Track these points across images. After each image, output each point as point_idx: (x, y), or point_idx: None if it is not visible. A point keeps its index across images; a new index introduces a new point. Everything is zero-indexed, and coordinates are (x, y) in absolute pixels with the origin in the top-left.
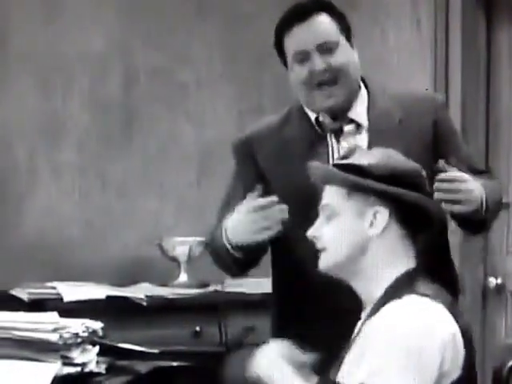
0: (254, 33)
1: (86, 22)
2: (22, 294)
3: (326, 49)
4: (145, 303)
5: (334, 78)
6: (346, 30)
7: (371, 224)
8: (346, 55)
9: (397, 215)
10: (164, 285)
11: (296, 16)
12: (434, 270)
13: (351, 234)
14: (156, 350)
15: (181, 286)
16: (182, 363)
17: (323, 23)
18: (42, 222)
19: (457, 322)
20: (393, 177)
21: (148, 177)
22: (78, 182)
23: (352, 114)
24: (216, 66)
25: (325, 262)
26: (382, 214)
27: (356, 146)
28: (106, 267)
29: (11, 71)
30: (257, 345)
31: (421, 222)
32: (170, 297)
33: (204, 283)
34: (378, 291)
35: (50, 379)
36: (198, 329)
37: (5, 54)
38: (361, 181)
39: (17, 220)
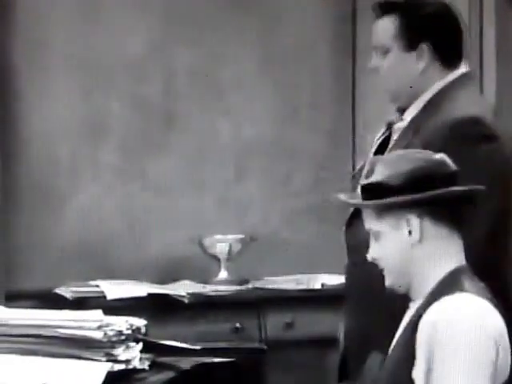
0: (291, 32)
1: (126, 24)
2: (66, 292)
3: (380, 52)
4: (186, 300)
5: (382, 80)
6: (412, 34)
7: (410, 232)
8: (394, 61)
9: (432, 216)
10: (204, 282)
11: (374, 12)
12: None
13: (397, 250)
14: (198, 347)
15: (221, 283)
16: (224, 359)
17: (381, 27)
18: (83, 222)
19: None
20: (414, 180)
21: (188, 175)
22: (118, 181)
23: (406, 114)
24: (253, 65)
25: (387, 282)
26: (415, 220)
27: (376, 159)
28: (147, 265)
29: (53, 72)
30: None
31: (463, 213)
32: (211, 294)
33: (244, 280)
34: (428, 287)
35: (101, 378)
36: (238, 325)
37: (47, 55)
38: (380, 202)
39: (59, 219)
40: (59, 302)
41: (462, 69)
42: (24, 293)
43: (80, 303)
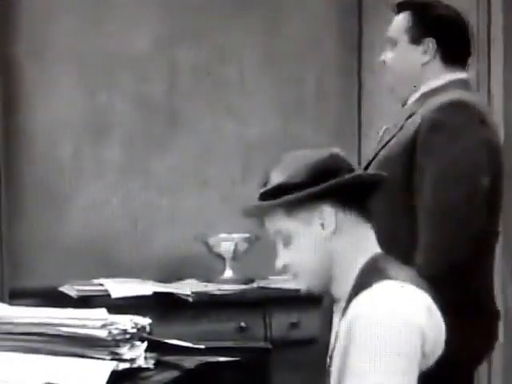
0: (296, 28)
1: (130, 22)
2: (71, 290)
3: (390, 45)
4: (191, 299)
5: (386, 71)
6: (420, 28)
7: (323, 225)
8: (400, 54)
9: (344, 204)
10: (209, 281)
11: (393, 11)
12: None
13: (312, 247)
14: (202, 346)
15: (226, 282)
16: (229, 358)
17: (395, 22)
18: (87, 220)
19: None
20: (316, 173)
21: (192, 173)
22: (122, 180)
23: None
24: (257, 62)
25: (303, 286)
26: (327, 211)
27: (272, 168)
28: (151, 264)
29: (56, 71)
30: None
31: (371, 201)
32: (216, 293)
33: (249, 279)
34: (349, 282)
35: (106, 377)
36: (242, 324)
37: (50, 53)
38: (295, 196)
39: (63, 218)
40: (63, 301)
41: (462, 74)
42: (28, 291)
43: (84, 301)
